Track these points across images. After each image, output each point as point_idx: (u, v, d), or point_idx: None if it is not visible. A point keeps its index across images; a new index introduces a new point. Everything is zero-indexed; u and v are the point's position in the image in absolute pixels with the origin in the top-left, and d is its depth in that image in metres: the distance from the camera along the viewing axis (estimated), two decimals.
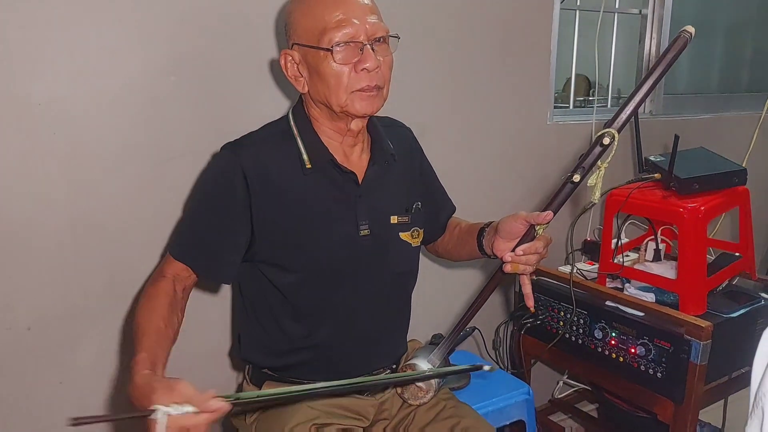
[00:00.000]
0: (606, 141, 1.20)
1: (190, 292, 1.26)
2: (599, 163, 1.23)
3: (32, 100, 1.34)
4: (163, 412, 0.85)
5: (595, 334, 1.78)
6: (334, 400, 1.31)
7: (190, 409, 0.87)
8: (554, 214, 1.23)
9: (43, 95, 1.35)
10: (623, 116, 1.22)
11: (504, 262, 1.24)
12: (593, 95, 2.39)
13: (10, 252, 1.37)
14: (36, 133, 1.36)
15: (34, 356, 1.43)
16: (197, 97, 1.51)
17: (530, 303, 1.28)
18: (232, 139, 1.27)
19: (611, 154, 1.22)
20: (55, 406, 1.47)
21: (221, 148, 1.26)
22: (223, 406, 0.88)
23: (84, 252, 1.45)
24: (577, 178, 1.22)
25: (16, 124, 1.33)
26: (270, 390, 1.14)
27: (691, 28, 1.19)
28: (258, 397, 1.09)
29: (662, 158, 1.87)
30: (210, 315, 1.63)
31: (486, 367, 1.20)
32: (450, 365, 1.44)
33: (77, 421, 0.82)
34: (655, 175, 1.86)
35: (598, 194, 1.27)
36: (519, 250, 1.23)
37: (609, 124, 1.22)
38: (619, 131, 1.21)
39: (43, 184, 1.38)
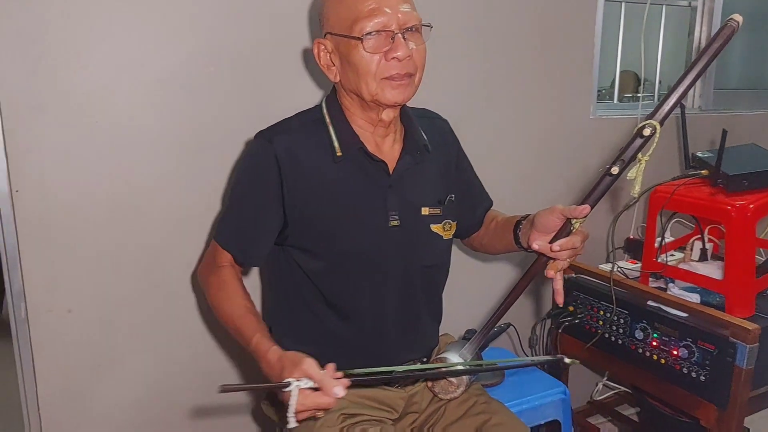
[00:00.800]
0: (647, 132, 1.16)
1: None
2: (640, 156, 1.19)
3: (75, 89, 1.38)
4: (296, 385, 0.97)
5: (636, 335, 1.73)
6: (363, 391, 1.31)
7: (311, 383, 0.98)
8: (591, 208, 1.19)
9: (86, 85, 1.39)
10: (666, 107, 1.17)
11: (540, 255, 1.22)
12: (641, 92, 2.33)
13: (53, 237, 1.41)
14: (78, 122, 1.39)
15: (74, 338, 1.47)
16: (234, 87, 1.53)
17: (560, 299, 1.25)
18: (267, 126, 1.28)
19: (653, 147, 1.18)
20: (93, 386, 1.51)
21: (255, 136, 1.27)
22: (343, 385, 0.98)
23: (122, 238, 1.48)
24: (615, 170, 1.18)
25: (59, 113, 1.37)
26: (372, 369, 1.18)
27: (738, 17, 1.14)
28: (363, 375, 1.13)
29: (710, 154, 1.81)
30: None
31: (566, 360, 1.19)
32: (481, 360, 1.41)
33: (226, 388, 0.92)
34: (702, 171, 1.79)
35: (638, 188, 1.23)
36: (555, 245, 1.20)
37: (651, 115, 1.18)
38: (661, 123, 1.17)
39: (84, 171, 1.42)
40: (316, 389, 0.98)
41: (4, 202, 1.36)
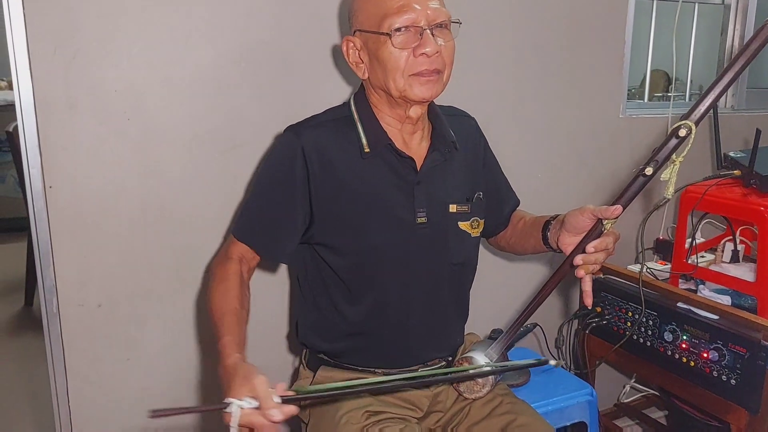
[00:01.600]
0: (682, 133, 1.14)
1: (253, 272, 1.30)
2: (674, 156, 1.17)
3: (108, 86, 1.40)
4: (237, 405, 0.89)
5: (665, 337, 1.71)
6: None
7: (256, 404, 0.90)
8: (623, 208, 1.18)
9: (118, 82, 1.41)
10: (702, 108, 1.15)
11: (575, 265, 1.20)
12: (672, 91, 2.29)
13: (85, 232, 1.43)
14: (111, 119, 1.41)
15: (104, 333, 1.49)
16: (264, 84, 1.54)
17: (588, 301, 1.23)
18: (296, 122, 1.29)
19: (687, 148, 1.16)
20: (122, 380, 1.53)
21: (284, 130, 1.28)
22: (278, 416, 0.89)
23: (153, 235, 1.50)
24: (649, 171, 1.16)
25: (92, 110, 1.39)
26: (330, 384, 1.14)
27: None
28: (319, 392, 1.09)
29: (743, 154, 1.78)
30: (269, 298, 1.66)
31: (552, 362, 1.17)
32: (508, 361, 1.41)
33: (157, 414, 0.85)
34: (735, 171, 1.77)
35: (671, 189, 1.21)
36: (590, 247, 1.18)
37: (686, 115, 1.16)
38: (696, 124, 1.15)
39: (116, 168, 1.44)
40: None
41: (38, 197, 1.38)
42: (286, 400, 0.92)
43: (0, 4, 1.32)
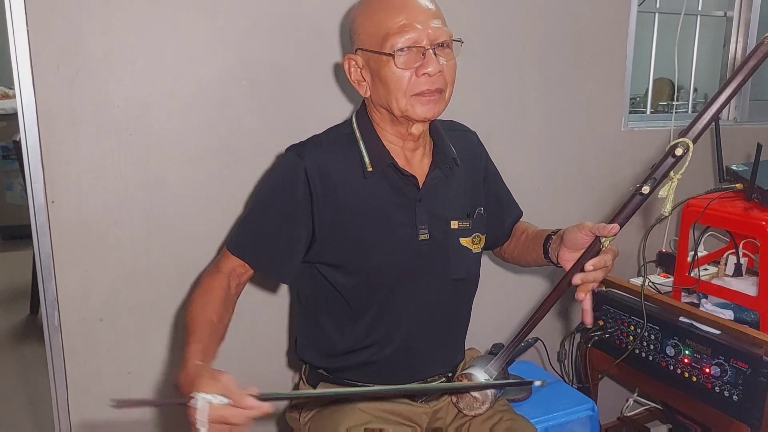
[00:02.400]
0: (679, 152, 1.14)
1: (243, 290, 1.29)
2: (672, 174, 1.17)
3: (111, 101, 1.41)
4: (204, 400, 0.86)
5: (667, 351, 1.70)
6: (388, 405, 1.31)
7: (227, 401, 0.87)
8: (621, 227, 1.18)
9: (122, 97, 1.42)
10: (699, 126, 1.15)
11: (574, 285, 1.20)
12: (677, 99, 2.29)
13: (87, 246, 1.44)
14: (114, 134, 1.42)
15: (105, 346, 1.50)
16: (266, 100, 1.54)
17: (588, 320, 1.23)
18: (298, 141, 1.29)
19: (685, 165, 1.16)
20: (123, 394, 1.53)
21: (286, 150, 1.28)
22: (257, 405, 0.88)
23: (155, 248, 1.50)
24: (646, 189, 1.16)
25: (96, 124, 1.40)
26: (306, 392, 1.13)
27: None
28: (294, 397, 1.08)
29: (745, 167, 1.78)
30: (269, 314, 1.66)
31: (537, 383, 1.16)
32: (509, 376, 1.40)
33: (120, 404, 0.84)
34: (737, 185, 1.76)
35: (669, 207, 1.21)
36: (589, 265, 1.18)
37: (683, 133, 1.16)
38: (694, 141, 1.15)
39: (119, 183, 1.45)
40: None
41: (40, 212, 1.39)
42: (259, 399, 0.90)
43: (4, 18, 1.34)
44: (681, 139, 1.15)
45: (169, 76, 1.44)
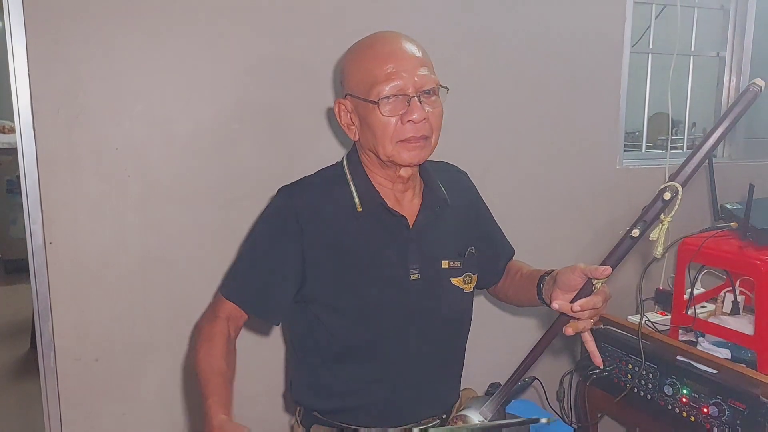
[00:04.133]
0: (667, 196, 1.15)
1: (240, 331, 1.30)
2: (662, 217, 1.18)
3: (109, 145, 1.44)
4: None
5: (665, 390, 1.69)
6: None
7: None
8: (612, 269, 1.19)
9: (120, 141, 1.45)
10: (687, 170, 1.16)
11: (561, 314, 1.20)
12: (671, 141, 2.32)
13: (83, 287, 1.46)
14: (112, 176, 1.45)
15: (101, 387, 1.50)
16: (261, 142, 1.57)
17: (597, 361, 1.23)
18: (289, 182, 1.31)
19: (675, 208, 1.17)
20: None
21: (277, 191, 1.30)
22: None
23: (151, 289, 1.52)
24: (636, 232, 1.17)
25: (95, 167, 1.43)
26: None
27: (761, 81, 1.14)
28: None
29: (739, 206, 1.79)
30: (264, 357, 1.67)
31: (543, 420, 1.16)
32: (506, 416, 1.39)
33: None
34: (731, 224, 1.77)
35: (660, 249, 1.21)
36: (576, 305, 1.18)
37: (673, 176, 1.18)
38: (683, 185, 1.17)
39: (116, 224, 1.47)
40: None
41: (38, 253, 1.41)
42: None
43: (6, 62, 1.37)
44: (670, 183, 1.17)
45: (167, 119, 1.47)
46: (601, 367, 1.81)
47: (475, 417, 1.31)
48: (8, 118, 4.97)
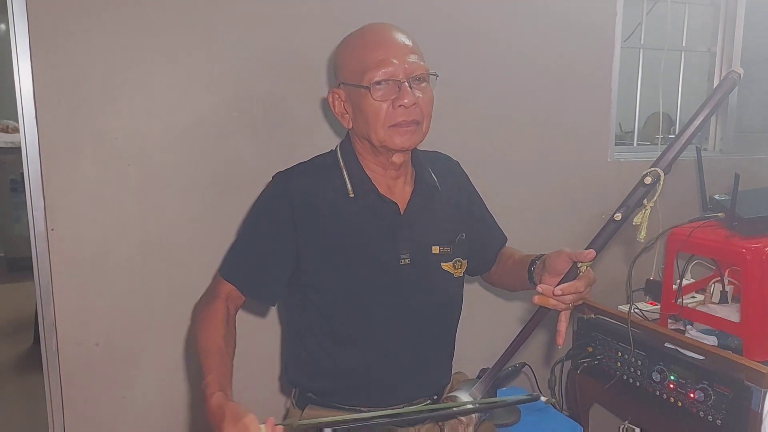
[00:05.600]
0: (648, 180, 1.19)
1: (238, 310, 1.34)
2: (645, 201, 1.22)
3: (110, 135, 1.48)
4: None
5: (653, 377, 1.72)
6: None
7: None
8: (597, 252, 1.22)
9: (120, 131, 1.49)
10: (669, 156, 1.20)
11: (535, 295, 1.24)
12: (670, 133, 2.35)
13: (84, 273, 1.49)
14: (112, 165, 1.49)
15: (101, 371, 1.54)
16: (259, 131, 1.61)
17: (560, 341, 1.26)
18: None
19: (657, 193, 1.21)
20: (117, 418, 1.57)
21: (272, 177, 1.34)
22: None
23: (150, 275, 1.56)
24: (618, 216, 1.21)
25: (95, 156, 1.47)
26: (327, 418, 1.18)
27: (739, 69, 1.17)
28: (309, 426, 1.13)
29: (727, 197, 1.82)
30: (261, 340, 1.70)
31: (543, 398, 1.20)
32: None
33: None
34: (719, 214, 1.80)
35: (643, 233, 1.25)
36: (558, 289, 1.22)
37: (655, 163, 1.21)
38: (666, 171, 1.20)
39: (116, 212, 1.51)
40: None
41: (41, 240, 1.45)
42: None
43: (10, 57, 1.41)
44: (651, 169, 1.20)
45: (166, 109, 1.51)
46: (560, 347, 1.84)
47: (465, 398, 1.34)
48: (11, 117, 5.02)
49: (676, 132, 2.33)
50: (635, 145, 2.28)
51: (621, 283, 2.16)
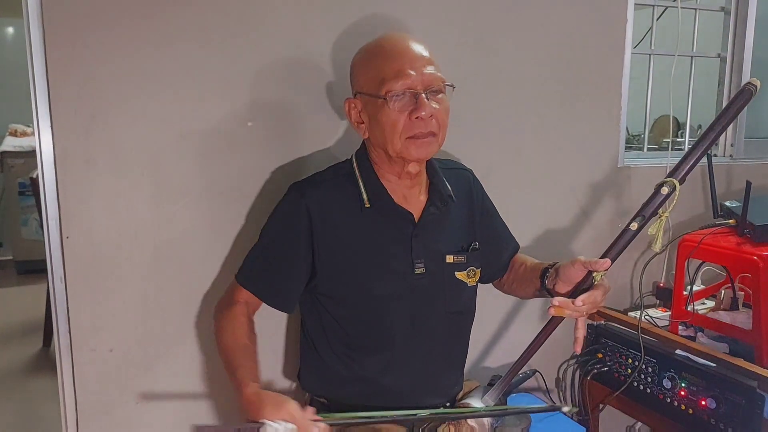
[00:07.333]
0: (665, 191, 1.20)
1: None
2: (660, 211, 1.22)
3: (124, 144, 1.49)
4: (273, 428, 0.97)
5: (664, 384, 1.73)
6: None
7: (293, 427, 0.98)
8: (612, 262, 1.23)
9: (134, 140, 1.49)
10: (685, 167, 1.21)
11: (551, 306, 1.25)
12: (680, 137, 2.35)
13: (99, 280, 1.50)
14: (126, 174, 1.50)
15: (115, 377, 1.54)
16: (272, 140, 1.62)
17: (578, 348, 1.28)
18: (300, 179, 1.36)
19: (673, 203, 1.21)
20: (131, 424, 1.58)
21: (289, 188, 1.36)
22: (321, 428, 1.02)
23: (164, 282, 1.56)
24: (634, 226, 1.22)
25: (109, 165, 1.48)
26: (363, 413, 1.20)
27: (756, 81, 1.18)
28: (352, 418, 1.16)
29: (738, 204, 1.82)
30: (276, 345, 1.71)
31: (565, 409, 1.22)
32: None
33: (200, 429, 0.99)
34: (730, 221, 1.81)
35: (659, 244, 1.26)
36: (578, 300, 1.22)
37: (671, 173, 1.22)
38: (681, 181, 1.21)
39: (130, 220, 1.52)
40: None
41: (55, 247, 1.46)
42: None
43: (26, 65, 1.42)
44: (667, 179, 1.21)
45: (180, 118, 1.52)
46: (578, 354, 1.85)
47: (477, 405, 1.36)
48: (20, 121, 5.04)
49: (684, 135, 2.34)
50: (645, 150, 2.28)
51: (627, 287, 2.17)
